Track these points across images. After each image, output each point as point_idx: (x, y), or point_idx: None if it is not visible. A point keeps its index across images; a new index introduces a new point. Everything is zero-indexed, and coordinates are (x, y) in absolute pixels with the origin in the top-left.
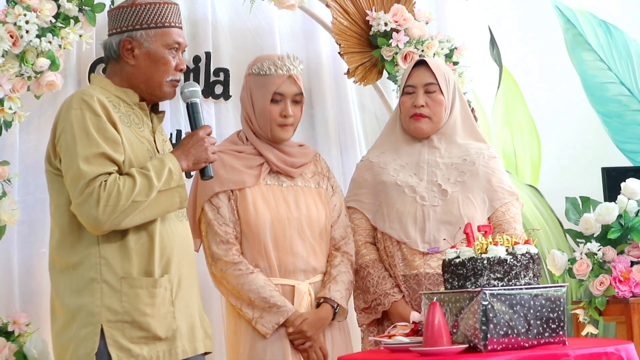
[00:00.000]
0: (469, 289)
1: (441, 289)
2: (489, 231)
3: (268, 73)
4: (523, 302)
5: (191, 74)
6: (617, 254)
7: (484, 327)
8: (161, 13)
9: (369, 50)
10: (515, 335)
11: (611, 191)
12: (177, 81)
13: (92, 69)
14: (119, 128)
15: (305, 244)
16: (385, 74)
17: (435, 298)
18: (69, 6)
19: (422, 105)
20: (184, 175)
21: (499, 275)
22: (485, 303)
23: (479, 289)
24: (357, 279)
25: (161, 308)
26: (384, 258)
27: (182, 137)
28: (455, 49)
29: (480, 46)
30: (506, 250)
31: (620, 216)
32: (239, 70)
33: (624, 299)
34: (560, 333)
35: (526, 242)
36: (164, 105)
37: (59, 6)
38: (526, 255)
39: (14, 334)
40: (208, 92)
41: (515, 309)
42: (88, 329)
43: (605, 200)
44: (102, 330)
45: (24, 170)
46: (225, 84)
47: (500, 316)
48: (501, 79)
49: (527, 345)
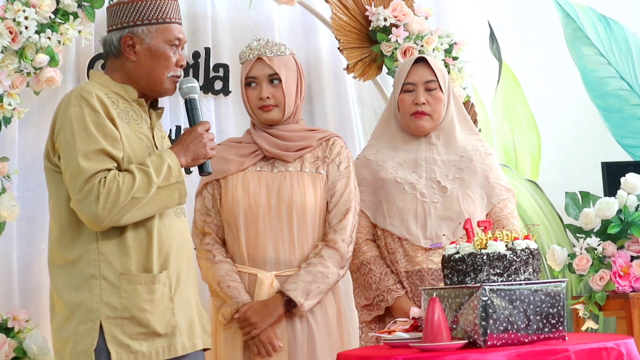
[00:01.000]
0: (468, 285)
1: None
2: (489, 227)
3: (243, 60)
4: (523, 298)
5: (191, 70)
6: (617, 249)
7: (483, 323)
8: (162, 9)
9: (368, 45)
10: (515, 331)
11: (611, 186)
12: (178, 77)
13: (91, 65)
14: (117, 124)
15: (282, 234)
16: (384, 69)
17: (434, 294)
18: (68, 2)
19: (424, 103)
20: (183, 171)
21: (498, 271)
22: (485, 298)
23: (479, 284)
24: (358, 276)
25: (160, 304)
26: (385, 255)
27: (181, 133)
28: (455, 44)
29: (479, 41)
30: (506, 245)
31: (620, 211)
32: (239, 65)
33: (624, 293)
34: (560, 328)
35: (526, 238)
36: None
37: (58, 2)
38: (526, 250)
39: (13, 330)
40: (207, 88)
41: (515, 304)
42: (87, 325)
43: (605, 195)
44: (101, 326)
45: (23, 167)
46: (225, 79)
47: (500, 312)
48: (501, 74)
49: (527, 340)
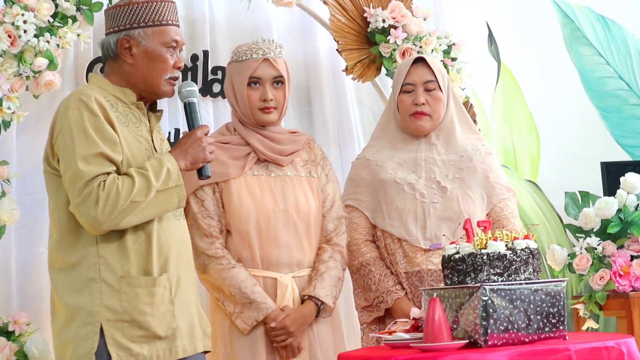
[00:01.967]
0: (469, 285)
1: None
2: (489, 226)
3: (244, 58)
4: (523, 297)
5: (189, 73)
6: (617, 249)
7: (484, 323)
8: (158, 11)
9: (367, 46)
10: (515, 331)
11: (610, 186)
12: (176, 79)
13: (90, 68)
14: (116, 128)
15: (291, 237)
16: (383, 70)
17: (435, 294)
18: (67, 5)
19: (423, 104)
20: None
21: (498, 271)
22: (485, 298)
23: (479, 284)
24: (358, 277)
25: (160, 307)
26: (385, 256)
27: (180, 137)
28: (453, 45)
29: (478, 42)
30: (506, 245)
31: (619, 210)
32: None
33: (624, 293)
34: (561, 328)
35: (526, 237)
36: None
37: (56, 5)
38: (526, 250)
39: (14, 333)
40: (206, 91)
41: (515, 304)
42: (87, 328)
43: (604, 195)
44: (102, 329)
45: (21, 171)
46: (223, 82)
47: (501, 311)
48: (499, 74)
49: (528, 340)
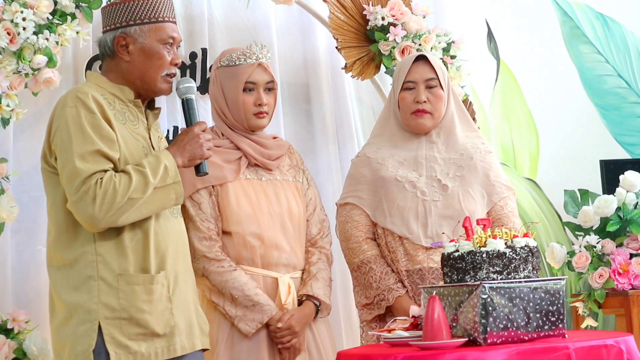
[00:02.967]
0: (468, 283)
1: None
2: (488, 224)
3: (238, 63)
4: (522, 295)
5: (187, 71)
6: (616, 247)
7: (483, 321)
8: (154, 8)
9: (366, 44)
10: (514, 329)
11: (610, 184)
12: (173, 75)
13: (89, 66)
14: (113, 125)
15: (288, 239)
16: (382, 68)
17: (434, 292)
18: (66, 3)
19: (425, 101)
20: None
21: (498, 269)
22: (485, 296)
23: (478, 282)
24: (359, 274)
25: (158, 304)
26: (386, 254)
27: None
28: (453, 42)
29: (477, 40)
30: (505, 243)
31: (619, 208)
32: None
33: (623, 291)
34: (560, 326)
35: (525, 235)
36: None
37: (55, 3)
38: (525, 248)
39: (13, 331)
40: (204, 89)
41: (514, 302)
42: (85, 326)
43: (603, 193)
44: (100, 327)
45: (18, 169)
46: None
47: (500, 309)
48: (499, 72)
49: (527, 338)
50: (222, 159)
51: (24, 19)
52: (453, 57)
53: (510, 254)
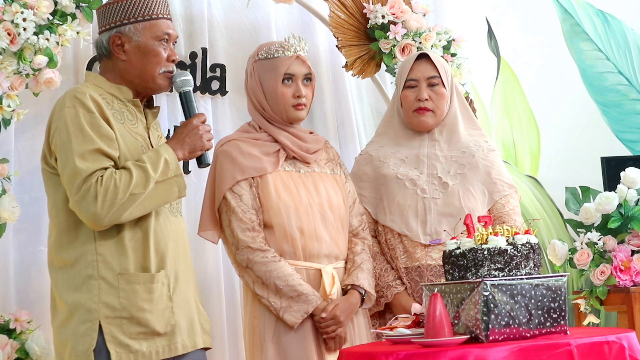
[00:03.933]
0: (469, 280)
1: (443, 280)
2: (489, 222)
3: (276, 56)
4: (524, 292)
5: (188, 70)
6: (618, 243)
7: (485, 318)
8: (148, 5)
9: (366, 43)
10: (516, 326)
11: (611, 181)
12: (171, 72)
13: (90, 66)
14: (112, 124)
15: (329, 230)
16: (383, 66)
17: (436, 289)
18: (66, 3)
19: (427, 99)
20: (181, 165)
21: (499, 266)
22: (486, 293)
23: (480, 279)
24: None
25: (159, 303)
26: (386, 251)
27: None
28: (453, 40)
29: (478, 37)
30: (506, 240)
31: (620, 205)
32: (236, 65)
33: (625, 288)
34: (562, 323)
35: (526, 232)
36: (160, 101)
37: (56, 3)
38: (526, 245)
39: (15, 331)
40: (205, 88)
41: (516, 299)
42: (86, 325)
43: (605, 190)
44: (101, 326)
45: (20, 169)
46: (222, 79)
47: (502, 306)
48: (499, 70)
49: (529, 335)
50: (261, 151)
51: (24, 20)
52: (453, 55)
53: (512, 251)
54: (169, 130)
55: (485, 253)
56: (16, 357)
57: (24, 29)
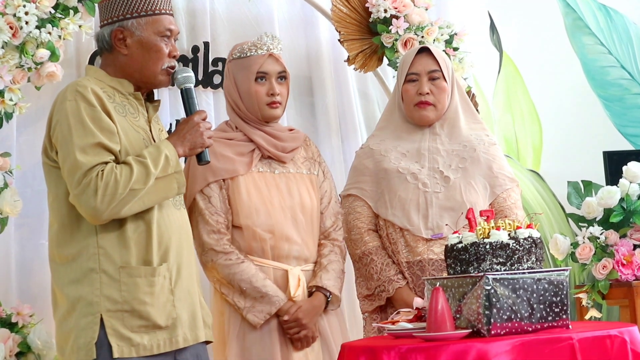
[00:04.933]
0: (471, 274)
1: (444, 274)
2: (491, 216)
3: (249, 54)
4: (526, 287)
5: (190, 64)
6: (620, 238)
7: (487, 312)
8: (151, 1)
9: (368, 37)
10: (518, 320)
11: (613, 175)
12: (172, 68)
13: (92, 60)
14: (113, 118)
15: (300, 232)
16: (385, 60)
17: (438, 283)
18: None
19: (427, 93)
20: (181, 161)
21: (501, 260)
22: (488, 288)
23: (482, 273)
24: (360, 266)
25: (160, 296)
26: (387, 245)
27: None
28: (455, 34)
29: (480, 32)
30: (508, 234)
31: (622, 200)
32: None
33: (627, 282)
34: (564, 317)
35: (528, 227)
36: (163, 96)
37: None
38: (528, 239)
39: (17, 325)
40: (207, 82)
41: (518, 293)
42: (88, 318)
43: (607, 184)
44: (102, 319)
45: (22, 163)
46: (224, 73)
47: (504, 301)
48: (501, 64)
49: (531, 329)
50: (234, 151)
51: (26, 13)
52: (455, 49)
53: (514, 245)
54: (170, 124)
55: (488, 247)
56: (18, 351)
57: (26, 23)
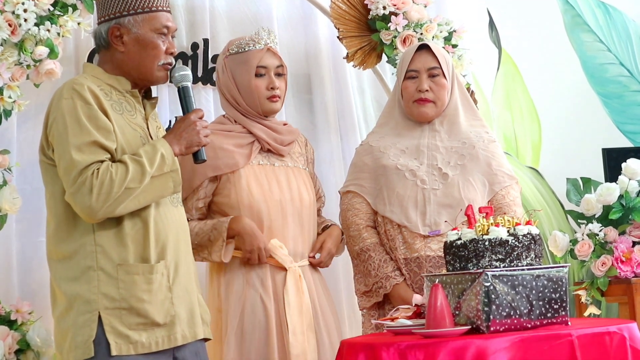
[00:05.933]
0: (471, 271)
1: (443, 271)
2: (490, 213)
3: (247, 49)
4: (525, 283)
5: (189, 61)
6: (619, 235)
7: (486, 309)
8: None
9: (367, 34)
10: (517, 316)
11: (612, 172)
12: (169, 64)
13: (91, 57)
14: (110, 116)
15: (296, 226)
16: (384, 57)
17: (437, 280)
18: None
19: (427, 90)
20: (177, 160)
21: (500, 257)
22: (488, 284)
23: (481, 270)
24: (358, 262)
25: (158, 294)
26: (385, 242)
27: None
28: (454, 31)
29: (479, 29)
30: (507, 231)
31: (621, 197)
32: None
33: (626, 279)
34: (563, 313)
35: (527, 223)
36: (162, 93)
37: None
38: (527, 236)
39: (16, 322)
40: (206, 79)
41: (517, 289)
42: (85, 316)
43: (606, 181)
44: (100, 317)
45: (21, 160)
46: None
47: (503, 297)
48: (500, 61)
49: (530, 326)
50: (234, 143)
51: (25, 11)
52: (454, 46)
53: (513, 241)
54: (170, 121)
55: (487, 244)
56: (17, 349)
57: (25, 20)
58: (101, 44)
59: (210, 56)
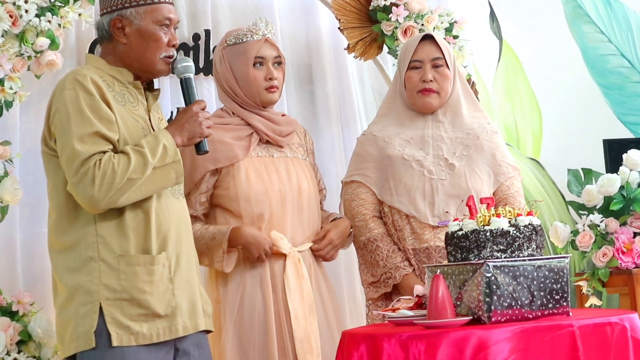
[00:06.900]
0: (472, 261)
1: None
2: (492, 203)
3: (245, 40)
4: (526, 274)
5: (191, 52)
6: (620, 225)
7: (487, 299)
8: None
9: (368, 25)
10: (519, 307)
11: (613, 163)
12: (171, 57)
13: (92, 48)
14: (112, 107)
15: (295, 217)
16: (385, 48)
17: (438, 271)
18: None
19: (431, 80)
20: (179, 151)
21: (502, 247)
22: (489, 275)
23: (482, 261)
24: (365, 253)
25: (160, 285)
26: (392, 232)
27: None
28: (455, 22)
29: (480, 20)
30: (509, 222)
31: (622, 187)
32: None
33: (627, 270)
34: (564, 304)
35: (529, 214)
36: (164, 84)
37: None
38: (529, 226)
39: (18, 313)
40: (208, 70)
41: (518, 280)
42: (87, 307)
43: (607, 172)
44: (101, 308)
45: (24, 151)
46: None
47: (504, 288)
48: (501, 52)
49: (531, 316)
50: (232, 136)
51: (26, 2)
52: (455, 37)
53: (514, 232)
54: (172, 112)
55: (488, 234)
56: (19, 340)
57: (26, 11)
58: (103, 35)
59: (211, 47)
